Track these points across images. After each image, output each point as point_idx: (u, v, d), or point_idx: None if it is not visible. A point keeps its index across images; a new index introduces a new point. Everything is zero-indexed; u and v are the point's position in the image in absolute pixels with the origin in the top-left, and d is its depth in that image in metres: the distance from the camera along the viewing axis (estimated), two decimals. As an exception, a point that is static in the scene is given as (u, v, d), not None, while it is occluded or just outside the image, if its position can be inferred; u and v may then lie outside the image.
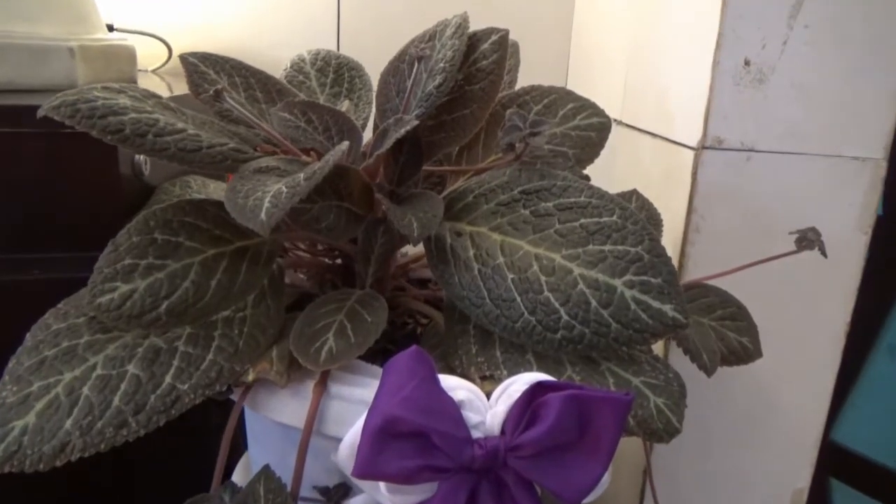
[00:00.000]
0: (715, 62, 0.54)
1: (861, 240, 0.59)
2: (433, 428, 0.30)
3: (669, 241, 0.59)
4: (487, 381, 0.37)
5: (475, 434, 0.31)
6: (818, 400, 0.64)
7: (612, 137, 0.53)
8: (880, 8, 0.54)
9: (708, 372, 0.42)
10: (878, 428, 0.72)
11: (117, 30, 0.77)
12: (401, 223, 0.37)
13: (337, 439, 0.34)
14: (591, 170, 0.50)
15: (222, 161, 0.39)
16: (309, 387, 0.38)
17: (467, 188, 0.42)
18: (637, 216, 0.38)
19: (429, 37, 0.47)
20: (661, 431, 0.35)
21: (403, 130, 0.39)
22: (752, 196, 0.57)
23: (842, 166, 0.57)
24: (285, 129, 0.42)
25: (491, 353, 0.38)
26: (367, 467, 0.30)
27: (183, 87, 0.47)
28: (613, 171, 0.72)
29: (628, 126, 0.70)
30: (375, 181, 0.43)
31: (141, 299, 0.35)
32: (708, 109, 0.55)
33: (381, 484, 0.32)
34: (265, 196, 0.33)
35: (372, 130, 0.45)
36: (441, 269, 0.40)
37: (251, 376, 0.38)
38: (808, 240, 0.46)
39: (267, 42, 0.85)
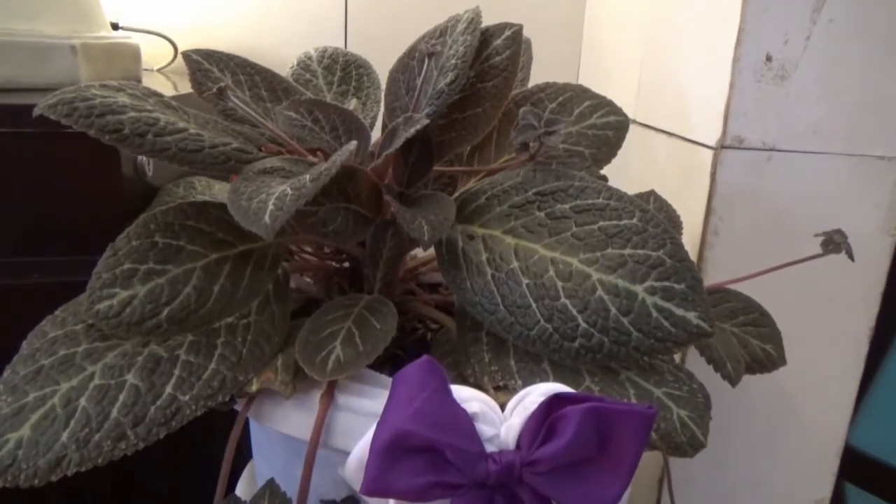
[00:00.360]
0: (735, 58, 0.52)
1: (886, 242, 0.57)
2: (446, 442, 0.29)
3: (686, 244, 0.57)
4: (501, 391, 0.36)
5: (489, 448, 0.30)
6: (840, 408, 0.62)
7: (625, 136, 0.51)
8: (907, 2, 0.52)
9: (732, 382, 0.40)
10: (894, 432, 0.71)
11: (122, 28, 0.76)
12: (410, 226, 0.36)
13: (345, 452, 0.32)
14: (602, 170, 0.49)
15: (225, 161, 0.37)
16: (315, 397, 0.37)
17: (480, 189, 0.41)
18: (658, 219, 0.36)
19: (440, 32, 0.46)
20: (684, 445, 0.34)
21: (413, 130, 0.38)
22: (774, 197, 0.55)
23: (866, 166, 0.55)
24: (291, 129, 0.41)
25: (505, 362, 0.36)
26: (377, 484, 0.28)
27: (188, 86, 0.46)
28: (627, 171, 0.70)
29: (643, 125, 0.69)
30: (384, 182, 0.42)
31: (141, 306, 0.34)
32: (728, 107, 0.53)
33: (391, 501, 0.30)
34: (269, 198, 0.32)
35: (381, 130, 0.44)
36: (452, 273, 0.38)
37: (255, 386, 0.36)
38: (835, 242, 0.44)
39: (273, 40, 0.84)
